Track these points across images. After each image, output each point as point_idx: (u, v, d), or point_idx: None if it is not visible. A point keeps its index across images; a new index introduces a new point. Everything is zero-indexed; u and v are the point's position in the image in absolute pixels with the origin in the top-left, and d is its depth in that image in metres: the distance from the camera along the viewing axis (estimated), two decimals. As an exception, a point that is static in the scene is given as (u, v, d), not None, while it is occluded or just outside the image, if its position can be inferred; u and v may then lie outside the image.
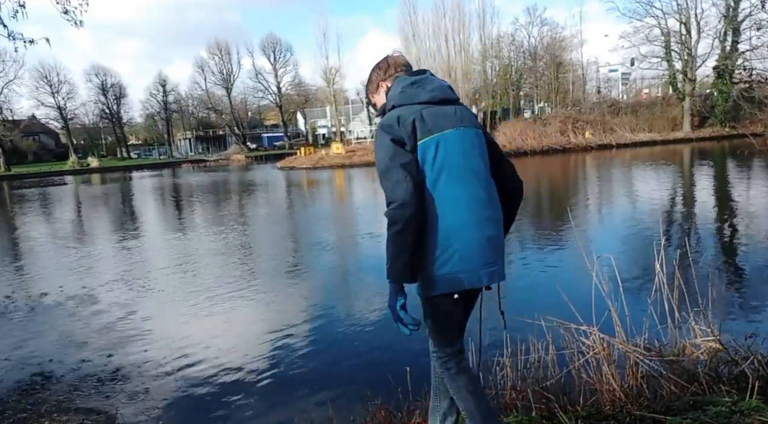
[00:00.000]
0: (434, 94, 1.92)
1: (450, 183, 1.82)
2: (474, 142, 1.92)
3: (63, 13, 4.57)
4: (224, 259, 9.17)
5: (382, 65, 2.09)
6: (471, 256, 1.82)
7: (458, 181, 1.83)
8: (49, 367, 4.85)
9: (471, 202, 1.83)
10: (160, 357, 4.96)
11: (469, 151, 1.88)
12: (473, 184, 1.86)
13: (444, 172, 1.82)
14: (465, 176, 1.84)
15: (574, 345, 3.12)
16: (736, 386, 2.62)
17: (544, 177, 22.15)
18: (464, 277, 1.82)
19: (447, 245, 1.80)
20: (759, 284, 5.99)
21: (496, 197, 1.94)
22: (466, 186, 1.84)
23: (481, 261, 1.84)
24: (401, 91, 1.93)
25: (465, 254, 1.81)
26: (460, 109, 1.95)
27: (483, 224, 1.85)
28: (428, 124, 1.84)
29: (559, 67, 44.27)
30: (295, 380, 4.33)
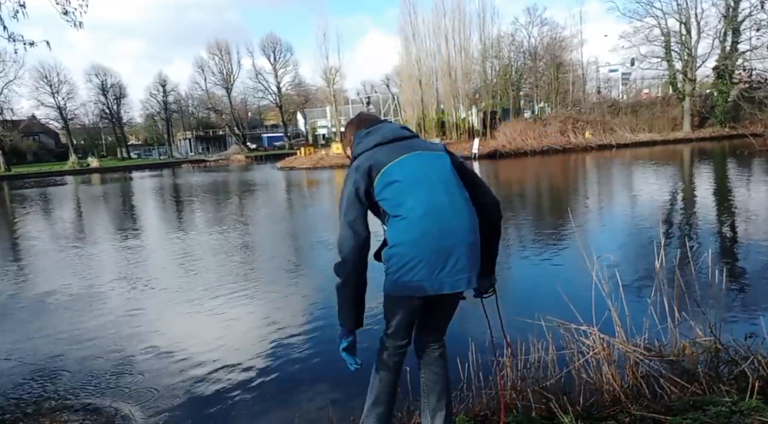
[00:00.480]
0: (385, 136, 2.11)
1: (410, 197, 1.94)
2: (433, 161, 2.05)
3: (63, 14, 4.56)
4: (225, 258, 9.17)
5: (354, 121, 2.34)
6: (432, 264, 1.91)
7: (418, 194, 1.94)
8: (49, 366, 4.85)
9: (432, 213, 1.92)
10: (161, 357, 4.96)
11: (427, 168, 2.02)
12: (434, 196, 1.96)
13: (404, 189, 1.95)
14: (425, 190, 1.96)
15: (574, 345, 3.12)
16: (736, 386, 2.63)
17: (544, 177, 22.15)
18: (426, 285, 1.92)
19: (409, 253, 1.91)
20: (759, 283, 5.99)
21: (463, 207, 1.99)
22: (426, 198, 1.94)
23: (443, 269, 1.92)
24: (358, 143, 2.18)
25: (427, 263, 1.90)
26: (415, 141, 2.14)
27: (446, 234, 1.92)
28: (383, 159, 2.01)
29: (559, 67, 44.25)
30: (295, 379, 4.33)
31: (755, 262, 6.94)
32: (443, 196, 1.97)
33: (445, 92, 42.63)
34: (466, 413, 2.88)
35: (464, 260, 1.95)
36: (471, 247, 1.98)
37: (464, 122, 41.98)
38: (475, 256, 2.01)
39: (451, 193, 2.00)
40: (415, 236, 1.91)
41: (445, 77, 42.48)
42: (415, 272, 1.91)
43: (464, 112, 42.76)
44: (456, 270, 1.94)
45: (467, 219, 1.98)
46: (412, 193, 1.95)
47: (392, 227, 1.98)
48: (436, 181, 2.00)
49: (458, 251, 1.93)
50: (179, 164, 57.41)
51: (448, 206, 1.95)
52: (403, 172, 1.99)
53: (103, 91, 64.88)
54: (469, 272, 1.97)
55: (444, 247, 1.91)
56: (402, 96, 45.03)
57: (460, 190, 2.03)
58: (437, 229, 1.91)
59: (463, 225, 1.96)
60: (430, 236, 1.91)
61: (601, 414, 2.58)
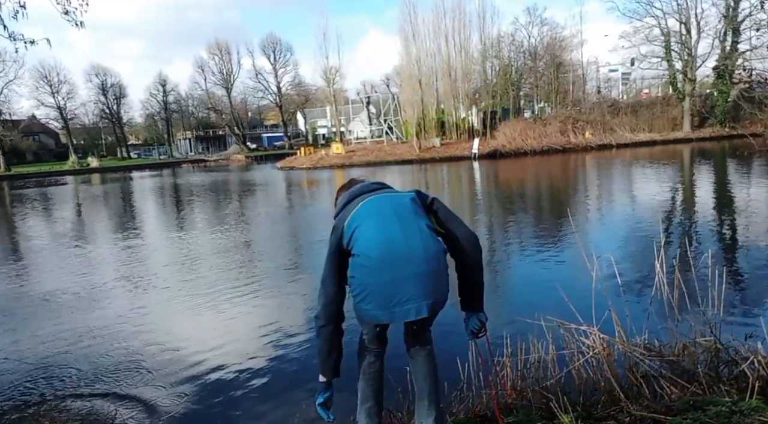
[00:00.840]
0: (353, 193, 2.28)
1: (368, 231, 2.03)
2: (391, 198, 2.16)
3: (63, 14, 4.57)
4: (226, 257, 9.17)
5: (345, 186, 2.45)
6: (384, 295, 1.98)
7: (370, 228, 2.03)
8: (49, 366, 4.85)
9: (382, 245, 1.99)
10: (161, 356, 4.96)
11: (383, 204, 2.13)
12: (385, 228, 2.03)
13: (363, 225, 2.05)
14: (377, 223, 2.04)
15: (574, 345, 3.12)
16: (736, 386, 2.62)
17: (544, 177, 22.15)
18: (379, 314, 2.02)
19: (365, 284, 1.99)
20: (759, 283, 6.00)
21: (416, 236, 2.03)
22: (377, 231, 2.03)
23: (393, 300, 1.97)
24: (337, 207, 2.32)
25: (379, 294, 1.98)
26: (383, 188, 2.29)
27: (396, 264, 1.97)
28: (349, 211, 2.15)
29: (559, 67, 44.21)
30: (295, 379, 4.34)
31: (755, 262, 6.94)
32: (395, 227, 2.04)
33: (445, 92, 42.60)
34: (466, 413, 2.88)
35: (414, 290, 1.98)
36: (425, 275, 2.00)
37: (464, 122, 41.96)
38: (431, 283, 2.01)
39: (405, 222, 2.06)
40: (367, 268, 2.00)
41: (445, 77, 42.45)
42: (368, 302, 2.00)
43: (464, 112, 42.74)
44: (405, 300, 1.98)
45: (420, 247, 2.01)
46: (366, 229, 2.04)
47: (351, 262, 2.08)
48: (390, 214, 2.08)
49: (409, 281, 1.98)
50: (179, 164, 57.41)
51: (399, 236, 2.01)
52: (361, 214, 2.10)
53: (103, 91, 64.88)
54: (420, 301, 1.99)
55: (394, 278, 1.97)
56: (402, 96, 44.98)
57: (416, 219, 2.08)
58: (387, 260, 1.98)
59: (415, 254, 1.99)
60: (380, 269, 1.98)
61: (601, 414, 2.58)
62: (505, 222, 11.80)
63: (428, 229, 2.08)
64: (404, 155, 36.19)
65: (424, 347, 2.33)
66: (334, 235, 2.14)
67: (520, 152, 33.48)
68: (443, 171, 27.94)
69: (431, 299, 2.01)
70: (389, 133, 46.51)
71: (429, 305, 2.00)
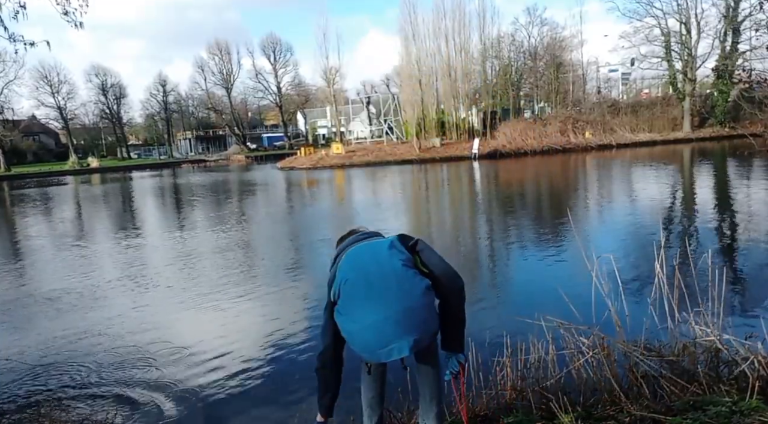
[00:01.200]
0: (345, 244, 2.34)
1: (347, 283, 2.07)
2: (371, 244, 2.22)
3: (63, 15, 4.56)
4: (227, 256, 9.17)
5: (344, 236, 2.50)
6: (366, 340, 2.00)
7: (353, 278, 2.07)
8: (50, 366, 4.85)
9: (362, 294, 2.03)
10: (161, 356, 4.96)
11: (363, 249, 2.19)
12: (365, 277, 2.06)
13: (344, 277, 2.09)
14: (359, 273, 2.08)
15: (574, 345, 3.12)
16: (736, 386, 2.63)
17: (545, 177, 22.14)
18: (365, 355, 2.06)
19: (348, 331, 2.04)
20: (759, 283, 6.00)
21: (389, 274, 2.04)
22: (359, 281, 2.06)
23: (377, 343, 1.98)
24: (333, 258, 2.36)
25: (361, 340, 2.01)
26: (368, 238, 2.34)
27: (375, 309, 1.98)
28: (337, 260, 2.22)
29: (559, 67, 44.20)
30: (294, 379, 4.34)
31: (755, 262, 6.94)
32: (373, 268, 2.06)
33: (445, 92, 42.60)
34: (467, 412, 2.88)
35: (394, 331, 1.97)
36: (403, 314, 1.99)
37: (464, 122, 41.96)
38: (411, 321, 2.00)
39: (380, 262, 2.08)
40: (347, 317, 2.04)
41: (445, 77, 42.44)
42: (355, 345, 2.04)
43: (464, 112, 42.73)
44: (386, 342, 1.98)
45: (395, 288, 2.01)
46: (347, 282, 2.08)
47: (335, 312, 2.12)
48: (368, 262, 2.11)
49: (388, 324, 1.97)
50: (179, 164, 57.41)
51: (377, 278, 2.03)
52: (343, 267, 2.14)
53: (103, 91, 64.88)
54: (400, 340, 1.98)
55: (372, 322, 1.98)
56: (402, 96, 44.97)
57: (391, 262, 2.08)
58: (364, 307, 2.00)
59: (391, 296, 2.00)
60: (358, 316, 2.00)
61: (601, 414, 2.58)
62: (505, 222, 11.81)
63: (405, 268, 2.07)
64: (404, 155, 36.20)
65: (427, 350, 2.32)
66: (328, 287, 2.19)
67: (520, 152, 33.49)
68: (443, 171, 27.94)
69: (414, 335, 1.98)
70: (389, 134, 46.52)
71: (411, 342, 1.98)
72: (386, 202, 16.89)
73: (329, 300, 2.16)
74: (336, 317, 2.09)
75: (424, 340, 2.03)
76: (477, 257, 8.65)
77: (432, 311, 2.05)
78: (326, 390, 2.27)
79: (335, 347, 2.20)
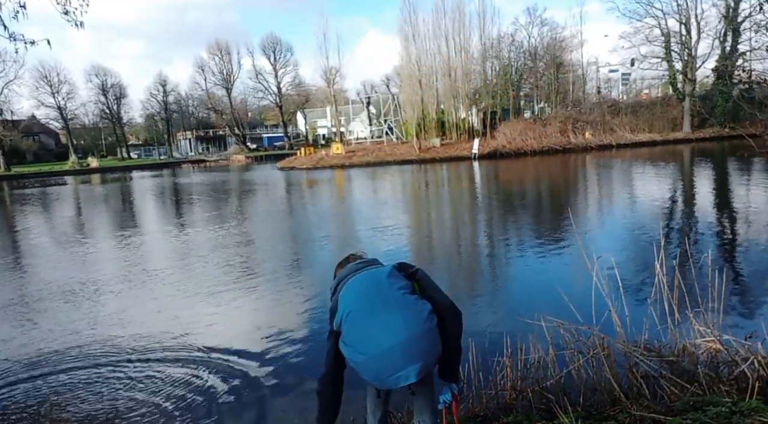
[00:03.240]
0: (344, 272, 2.36)
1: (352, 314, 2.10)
2: (372, 273, 2.24)
3: (63, 14, 4.56)
4: (229, 254, 9.17)
5: (342, 262, 2.52)
6: (373, 370, 2.04)
7: (357, 310, 2.10)
8: (49, 365, 4.85)
9: (367, 325, 2.05)
10: (161, 355, 4.96)
11: (363, 279, 2.21)
12: (368, 307, 2.09)
13: (348, 308, 2.12)
14: (362, 303, 2.11)
15: (574, 345, 3.12)
16: (736, 387, 2.63)
17: (545, 177, 22.14)
18: (375, 383, 2.10)
19: (355, 362, 2.07)
20: (759, 284, 6.00)
21: (392, 303, 2.07)
22: (363, 311, 2.09)
23: (384, 372, 2.02)
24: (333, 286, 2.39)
25: (368, 369, 2.04)
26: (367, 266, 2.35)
27: (380, 340, 2.01)
28: (338, 289, 2.26)
29: (559, 68, 44.21)
30: (294, 379, 4.33)
31: (755, 262, 6.94)
32: (374, 304, 2.08)
33: (445, 92, 42.62)
34: (466, 412, 2.89)
35: (400, 359, 2.01)
36: (408, 342, 2.02)
37: (464, 122, 41.97)
38: (416, 347, 2.03)
39: (382, 291, 2.11)
40: (353, 349, 2.06)
41: (445, 77, 42.45)
42: (361, 373, 2.07)
43: (464, 112, 42.75)
44: (392, 370, 2.01)
45: (399, 316, 2.04)
46: (350, 312, 2.11)
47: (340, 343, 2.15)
48: (370, 291, 2.14)
49: (394, 353, 2.00)
50: (179, 164, 57.41)
51: (380, 309, 2.06)
52: (345, 297, 2.18)
53: (103, 91, 64.86)
54: (407, 368, 2.01)
55: (378, 353, 2.01)
56: (402, 96, 44.98)
57: (392, 290, 2.12)
58: (369, 339, 2.03)
59: (395, 325, 2.02)
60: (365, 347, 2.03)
61: (602, 414, 2.58)
62: (505, 222, 11.81)
63: (407, 294, 2.11)
64: (404, 155, 36.21)
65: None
66: (331, 317, 2.23)
67: (520, 152, 33.48)
68: (443, 171, 27.94)
69: (419, 362, 2.02)
70: (389, 134, 46.53)
71: (417, 368, 2.02)
72: (386, 202, 16.88)
73: (332, 329, 2.19)
74: (342, 347, 2.12)
75: (430, 365, 2.08)
76: (477, 257, 8.65)
77: (435, 335, 2.07)
78: (326, 412, 2.31)
79: (336, 371, 2.24)
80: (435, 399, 2.34)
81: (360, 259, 2.46)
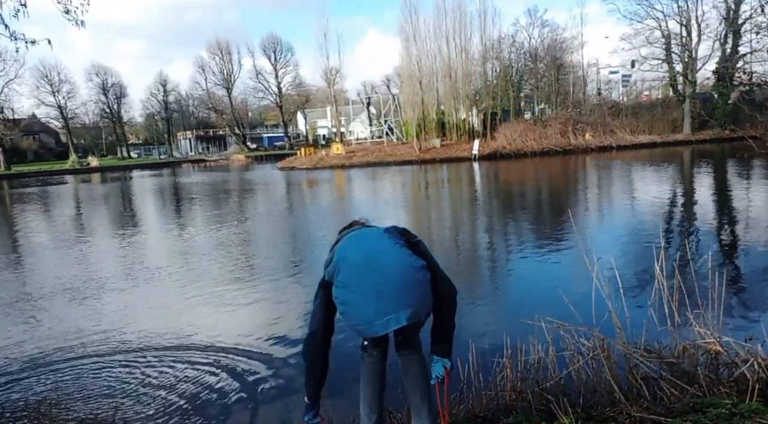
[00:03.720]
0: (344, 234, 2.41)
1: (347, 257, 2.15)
2: (372, 230, 2.31)
3: (64, 13, 4.56)
4: (230, 253, 9.17)
5: (345, 227, 2.56)
6: (363, 310, 2.04)
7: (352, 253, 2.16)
8: (49, 364, 4.85)
9: (361, 264, 2.09)
10: (161, 355, 4.96)
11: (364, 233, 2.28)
12: (362, 248, 2.16)
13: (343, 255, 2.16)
14: (355, 247, 2.18)
15: (574, 346, 3.12)
16: (736, 389, 2.62)
17: (545, 178, 22.15)
18: (362, 328, 2.08)
19: (346, 303, 2.08)
20: (759, 286, 6.00)
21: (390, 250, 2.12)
22: (358, 254, 2.14)
23: (374, 313, 2.02)
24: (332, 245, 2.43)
25: (358, 310, 2.05)
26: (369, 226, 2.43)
27: (374, 279, 2.04)
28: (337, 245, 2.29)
29: (560, 69, 44.21)
30: (294, 379, 4.33)
31: (755, 264, 6.94)
32: (371, 248, 2.14)
33: (446, 93, 42.60)
34: (466, 413, 2.88)
35: (391, 301, 2.01)
36: (401, 286, 2.04)
37: (464, 123, 41.95)
38: (408, 293, 2.04)
39: (380, 242, 2.17)
40: (346, 288, 2.08)
41: (446, 78, 42.42)
42: (351, 317, 2.07)
43: (464, 113, 42.75)
44: (383, 312, 2.01)
45: (394, 261, 2.08)
46: (346, 257, 2.15)
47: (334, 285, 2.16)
48: (368, 239, 2.22)
49: (386, 294, 2.02)
50: (179, 164, 57.41)
51: (374, 254, 2.10)
52: (343, 247, 2.23)
53: (103, 90, 64.86)
54: (398, 311, 2.01)
55: (371, 292, 2.03)
56: (402, 97, 44.97)
57: (391, 240, 2.17)
58: (364, 277, 2.06)
59: (390, 267, 2.06)
60: (357, 286, 2.06)
61: (601, 416, 2.58)
62: (505, 223, 11.81)
63: (404, 247, 2.15)
64: (404, 156, 36.20)
65: (412, 355, 2.37)
66: (324, 268, 2.25)
67: (520, 154, 33.49)
68: (443, 172, 27.95)
69: (410, 308, 2.02)
70: (389, 134, 46.52)
71: (408, 314, 2.01)
72: (386, 202, 16.88)
73: (323, 280, 2.22)
74: (334, 290, 2.13)
75: (420, 314, 2.07)
76: (477, 257, 8.65)
77: (428, 288, 2.10)
78: (313, 374, 2.30)
79: (325, 330, 2.26)
80: (427, 377, 2.33)
81: (363, 226, 2.51)
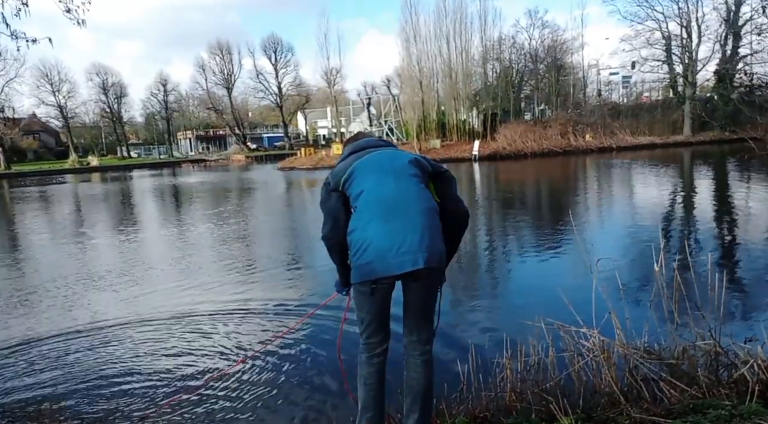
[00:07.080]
0: (358, 145, 2.42)
1: (363, 186, 2.16)
2: (391, 155, 2.29)
3: (65, 12, 4.57)
4: (230, 252, 9.17)
5: (351, 138, 2.61)
6: (381, 245, 2.03)
7: (369, 182, 2.16)
8: (48, 364, 4.84)
9: (380, 199, 2.10)
10: (161, 354, 4.95)
11: (382, 159, 2.25)
12: (382, 183, 2.15)
13: (362, 177, 2.18)
14: (374, 177, 2.18)
15: (574, 347, 3.12)
16: (736, 390, 2.62)
17: (545, 179, 22.15)
18: (377, 267, 2.04)
19: (363, 237, 2.07)
20: (759, 287, 6.00)
21: (410, 190, 2.14)
22: (375, 185, 2.14)
23: (390, 251, 2.02)
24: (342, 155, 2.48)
25: (376, 246, 2.03)
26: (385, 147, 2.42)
27: (392, 217, 2.05)
28: (351, 162, 2.28)
29: (560, 70, 44.24)
30: (294, 379, 4.33)
31: (755, 265, 6.94)
32: (391, 183, 2.14)
33: (446, 94, 42.62)
34: (466, 414, 2.88)
35: (411, 241, 2.03)
36: (420, 229, 2.05)
37: (465, 124, 41.97)
38: (426, 237, 2.06)
39: (400, 178, 2.16)
40: (364, 221, 2.07)
41: (446, 79, 42.46)
42: (367, 254, 2.05)
43: (465, 113, 42.76)
44: (402, 251, 2.02)
45: (415, 202, 2.10)
46: (365, 183, 2.15)
47: (352, 216, 2.16)
48: (388, 169, 2.19)
49: (406, 233, 2.03)
50: (179, 164, 57.38)
51: (395, 192, 2.11)
52: (361, 167, 2.21)
53: (103, 90, 64.81)
54: (416, 253, 2.02)
55: (391, 229, 2.03)
56: (402, 97, 45.01)
57: (411, 177, 2.18)
58: (385, 212, 2.06)
59: (410, 209, 2.08)
60: (378, 220, 2.05)
61: (601, 417, 2.58)
62: (505, 224, 11.81)
63: (422, 187, 2.18)
64: (404, 156, 36.17)
65: (422, 348, 2.31)
66: (333, 178, 2.24)
67: (520, 154, 33.49)
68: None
69: (427, 252, 2.04)
70: (389, 135, 46.51)
71: (425, 258, 2.03)
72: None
73: (336, 187, 2.22)
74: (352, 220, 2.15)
75: (434, 260, 2.09)
76: (477, 257, 8.65)
77: (440, 233, 2.14)
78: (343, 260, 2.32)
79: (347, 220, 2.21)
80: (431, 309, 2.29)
81: (371, 137, 2.52)
